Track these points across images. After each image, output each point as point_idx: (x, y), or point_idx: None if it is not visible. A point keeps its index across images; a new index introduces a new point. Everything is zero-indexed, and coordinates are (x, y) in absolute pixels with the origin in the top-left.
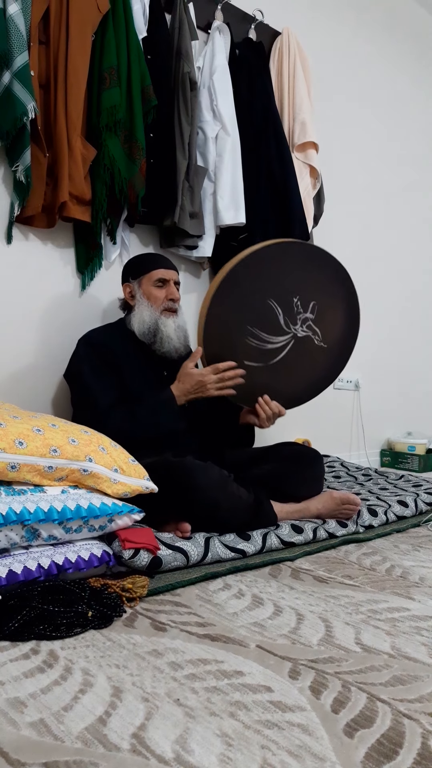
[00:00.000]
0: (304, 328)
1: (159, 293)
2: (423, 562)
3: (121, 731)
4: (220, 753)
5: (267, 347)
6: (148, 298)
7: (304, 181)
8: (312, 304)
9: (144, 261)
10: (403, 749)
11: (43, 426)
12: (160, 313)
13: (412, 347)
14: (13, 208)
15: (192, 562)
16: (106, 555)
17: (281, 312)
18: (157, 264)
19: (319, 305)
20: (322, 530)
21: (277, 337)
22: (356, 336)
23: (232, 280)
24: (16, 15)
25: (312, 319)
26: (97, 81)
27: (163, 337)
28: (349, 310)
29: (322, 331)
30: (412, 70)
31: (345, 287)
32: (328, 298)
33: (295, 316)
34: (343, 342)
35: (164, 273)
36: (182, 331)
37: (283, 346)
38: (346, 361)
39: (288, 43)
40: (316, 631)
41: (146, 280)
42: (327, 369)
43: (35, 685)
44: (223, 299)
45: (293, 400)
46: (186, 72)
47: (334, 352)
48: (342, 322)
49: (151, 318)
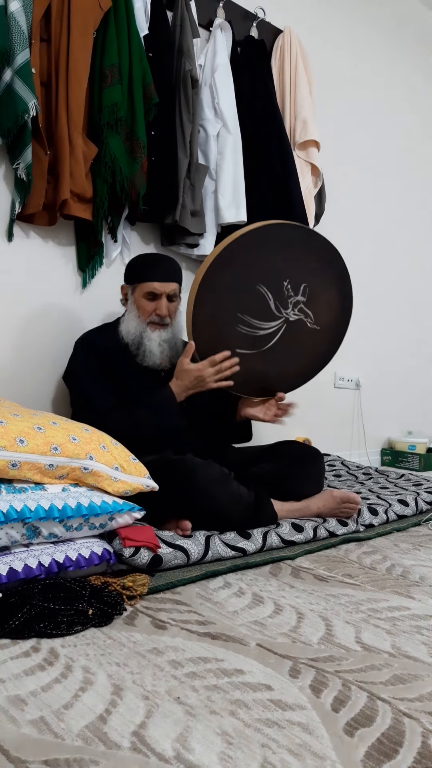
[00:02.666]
0: (296, 311)
1: (148, 306)
2: (423, 561)
3: (122, 729)
4: (220, 751)
5: (259, 333)
6: (137, 308)
7: (306, 179)
8: (303, 286)
9: (142, 268)
10: (403, 748)
11: (44, 424)
12: (147, 325)
13: (413, 346)
14: (14, 205)
15: (192, 560)
16: (106, 553)
17: (271, 297)
18: (152, 276)
19: (310, 287)
20: (322, 529)
21: (268, 322)
22: (350, 315)
23: (217, 270)
24: (18, 12)
25: (303, 302)
26: (99, 78)
27: (145, 351)
28: (342, 291)
29: (314, 313)
30: (415, 67)
31: (337, 268)
32: (319, 279)
33: (286, 300)
34: (338, 322)
35: (157, 287)
36: (169, 345)
37: (275, 331)
38: (340, 342)
39: (290, 41)
40: (317, 630)
41: (138, 290)
42: (322, 351)
43: (36, 682)
44: (209, 289)
45: (291, 384)
46: (187, 70)
47: (328, 333)
48: (335, 302)
49: (136, 330)
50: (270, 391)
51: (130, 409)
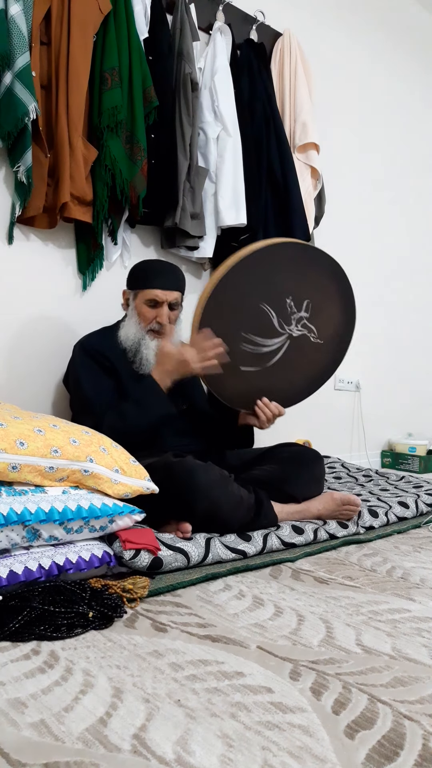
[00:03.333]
0: (299, 327)
1: (149, 313)
2: (424, 564)
3: (122, 732)
4: (220, 754)
5: (263, 351)
6: (138, 314)
7: (305, 182)
8: (306, 302)
9: (144, 274)
10: (404, 750)
11: (44, 426)
12: (146, 332)
13: (413, 348)
14: (15, 208)
15: (193, 562)
16: (106, 555)
17: (275, 314)
18: (154, 283)
19: (313, 303)
20: (322, 531)
21: (272, 339)
22: (353, 330)
23: (222, 291)
24: (18, 16)
25: (307, 318)
26: (99, 82)
27: (142, 359)
28: (345, 305)
29: (317, 328)
30: (414, 71)
31: (339, 282)
32: (321, 295)
33: (289, 317)
34: (340, 337)
35: (159, 294)
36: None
37: (278, 347)
38: (343, 356)
39: (289, 44)
40: (317, 632)
41: (140, 296)
42: (325, 365)
43: (36, 685)
44: (213, 311)
45: (293, 399)
46: (187, 73)
47: (331, 347)
48: (338, 317)
49: (135, 336)
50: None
51: (120, 407)
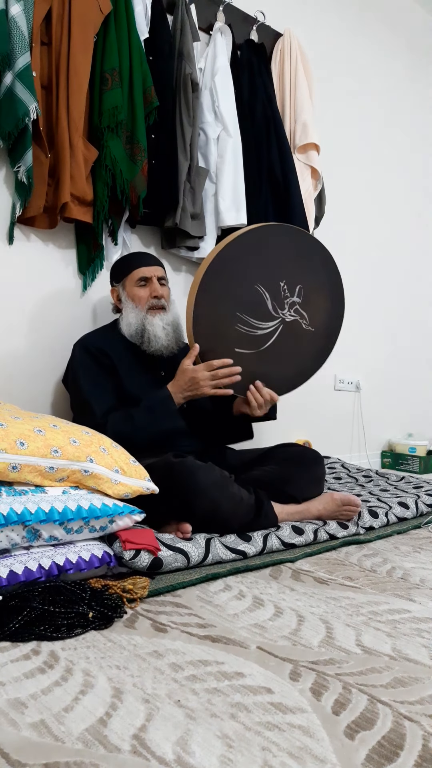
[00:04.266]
0: (292, 312)
1: (142, 292)
2: (424, 564)
3: (122, 732)
4: (220, 754)
5: (257, 333)
6: (133, 300)
7: (306, 182)
8: (298, 287)
9: (124, 262)
10: (404, 751)
11: (44, 426)
12: (146, 312)
13: (413, 348)
14: (15, 208)
15: (193, 563)
16: (106, 556)
17: (269, 297)
18: (136, 263)
19: (305, 289)
20: (322, 532)
21: (266, 322)
22: (341, 320)
23: (217, 269)
24: (18, 16)
25: (299, 303)
26: (99, 82)
27: (150, 337)
28: (334, 294)
29: (309, 315)
30: (414, 71)
31: (329, 271)
32: (312, 281)
33: (283, 301)
34: (330, 325)
35: (145, 271)
36: (172, 328)
37: (272, 331)
38: (333, 344)
39: (289, 44)
40: (317, 633)
41: (129, 282)
42: (316, 353)
43: (36, 685)
44: (209, 288)
45: (286, 386)
46: (188, 73)
47: (321, 335)
48: (328, 305)
49: (137, 319)
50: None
51: (128, 412)
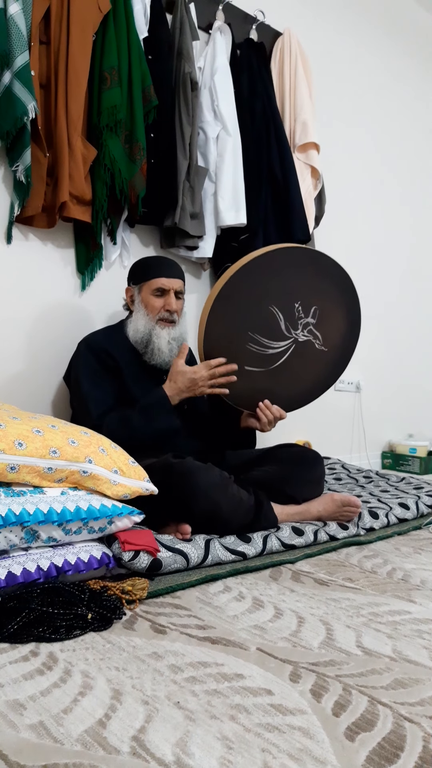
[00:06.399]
0: (305, 332)
1: (156, 302)
2: (424, 565)
3: (121, 734)
4: (220, 756)
5: (268, 352)
6: (146, 306)
7: (306, 181)
8: (314, 308)
9: (147, 267)
10: (404, 753)
11: (43, 427)
12: (156, 323)
13: (414, 349)
14: (13, 208)
15: (192, 564)
16: (105, 557)
17: (282, 317)
18: (158, 272)
19: (321, 310)
20: (323, 533)
21: (278, 342)
22: (356, 341)
23: (233, 288)
24: (17, 15)
25: (313, 324)
26: (98, 81)
27: (154, 349)
28: (351, 315)
29: (323, 335)
30: (414, 70)
31: (347, 293)
32: (329, 303)
33: (296, 321)
34: (344, 346)
35: (165, 282)
36: (178, 343)
37: (284, 350)
38: (346, 365)
39: (289, 43)
40: (317, 634)
41: (146, 288)
42: (327, 372)
43: (35, 687)
44: (223, 308)
45: (294, 404)
46: (187, 72)
47: (334, 355)
48: (343, 326)
49: (145, 327)
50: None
51: (125, 414)
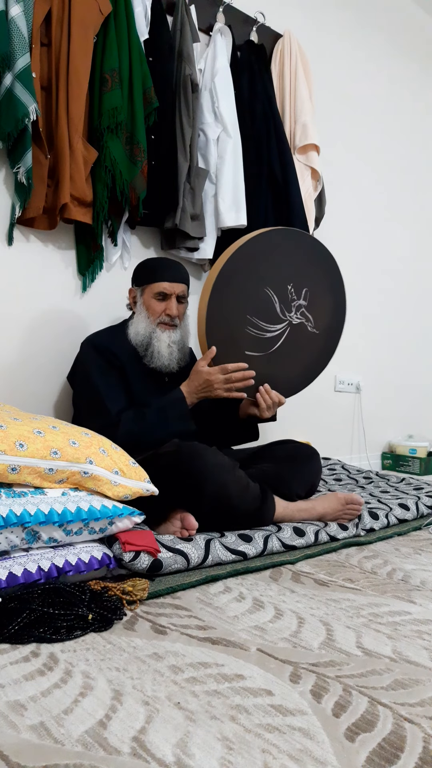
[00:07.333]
0: (299, 314)
1: (158, 306)
2: (424, 566)
3: (122, 735)
4: (220, 757)
5: (266, 336)
6: (147, 309)
7: (306, 183)
8: (305, 290)
9: (151, 269)
10: (404, 753)
11: (44, 428)
12: (156, 326)
13: (414, 350)
14: (14, 209)
15: (192, 564)
16: (106, 558)
17: (277, 300)
18: (161, 276)
19: (311, 292)
20: (323, 533)
21: (274, 325)
22: (343, 321)
23: (230, 272)
24: (18, 17)
25: (305, 306)
26: (99, 83)
27: (154, 352)
28: (336, 297)
29: (314, 317)
30: (414, 72)
31: (332, 273)
32: (318, 285)
33: (290, 303)
34: (332, 328)
35: (167, 287)
36: (177, 347)
37: (280, 333)
38: (335, 347)
39: (289, 45)
40: (317, 635)
41: (148, 291)
42: (319, 355)
43: (35, 688)
44: (221, 291)
45: (291, 388)
46: (187, 74)
47: (324, 337)
48: (331, 308)
49: (145, 330)
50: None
51: (140, 411)
